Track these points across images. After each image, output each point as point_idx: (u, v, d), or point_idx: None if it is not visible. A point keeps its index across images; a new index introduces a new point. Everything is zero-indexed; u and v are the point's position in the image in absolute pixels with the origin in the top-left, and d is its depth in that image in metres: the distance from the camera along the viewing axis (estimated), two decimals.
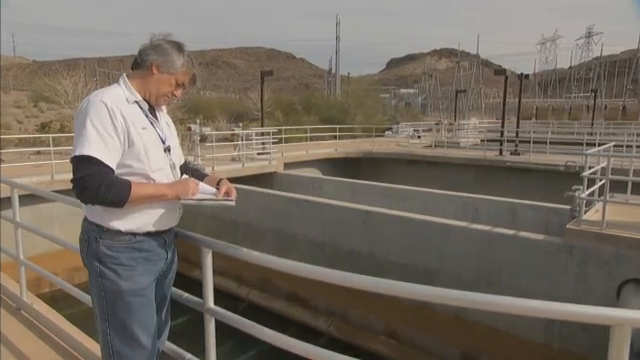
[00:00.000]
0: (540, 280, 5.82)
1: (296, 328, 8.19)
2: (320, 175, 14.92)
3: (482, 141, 19.71)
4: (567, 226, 5.81)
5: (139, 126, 1.63)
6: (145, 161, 1.63)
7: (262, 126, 16.21)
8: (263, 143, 14.00)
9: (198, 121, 15.52)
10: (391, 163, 16.47)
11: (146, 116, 1.70)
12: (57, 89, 22.91)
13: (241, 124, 16.62)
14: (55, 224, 8.82)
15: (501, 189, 12.04)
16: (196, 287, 1.89)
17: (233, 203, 1.75)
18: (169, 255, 1.80)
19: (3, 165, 11.52)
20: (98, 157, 1.51)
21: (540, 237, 5.98)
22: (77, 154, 1.51)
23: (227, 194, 1.77)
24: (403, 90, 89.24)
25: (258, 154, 13.56)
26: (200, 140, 12.14)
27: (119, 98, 1.62)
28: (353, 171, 15.78)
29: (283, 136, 14.91)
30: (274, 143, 13.82)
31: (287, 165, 13.83)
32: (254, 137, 13.75)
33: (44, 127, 23.91)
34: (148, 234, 1.69)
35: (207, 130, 13.31)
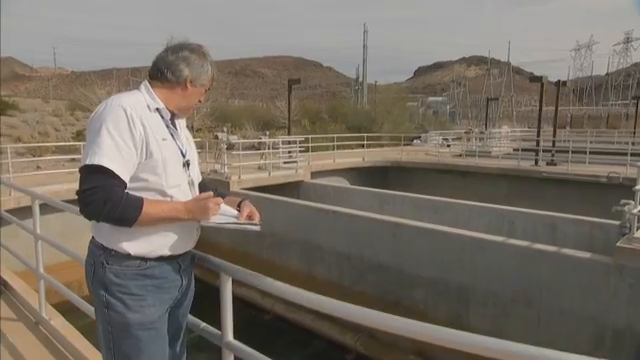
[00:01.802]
0: (586, 302, 5.38)
1: (322, 343, 7.94)
2: (347, 184, 14.68)
3: (515, 150, 19.02)
4: (617, 244, 5.35)
5: (159, 136, 1.48)
6: (162, 175, 1.47)
7: (289, 134, 16.13)
8: (290, 152, 13.89)
9: (225, 129, 15.59)
10: (420, 173, 16.05)
11: (167, 126, 1.55)
12: (92, 99, 23.66)
13: (268, 132, 16.60)
14: (85, 232, 8.87)
15: (536, 201, 11.47)
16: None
17: (258, 228, 1.56)
18: (184, 281, 1.61)
19: (40, 172, 11.84)
20: (110, 167, 1.34)
21: (586, 255, 5.54)
22: (87, 163, 1.35)
23: (250, 217, 1.58)
24: (431, 98, 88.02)
25: (284, 163, 13.44)
26: (227, 148, 12.12)
27: (140, 104, 1.48)
28: (381, 181, 15.46)
29: (310, 144, 14.76)
30: (301, 152, 13.68)
31: (314, 174, 13.65)
32: (281, 145, 13.65)
33: (79, 135, 24.68)
34: (161, 259, 1.50)
35: (234, 138, 13.30)
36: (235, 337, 1.60)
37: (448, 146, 22.23)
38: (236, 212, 1.60)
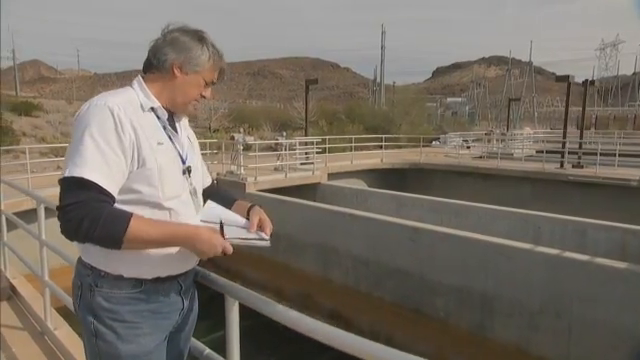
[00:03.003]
0: (622, 315, 5.03)
1: (337, 350, 7.72)
2: (365, 186, 14.43)
3: (538, 152, 18.46)
4: None
5: (154, 141, 1.27)
6: (158, 186, 1.25)
7: (306, 135, 15.97)
8: (307, 153, 13.71)
9: (242, 130, 15.51)
10: (439, 175, 15.68)
11: (164, 128, 1.33)
12: None
13: (285, 133, 16.46)
14: None
15: (562, 205, 11.04)
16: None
17: (267, 243, 1.34)
18: (186, 304, 1.41)
19: (59, 172, 11.92)
20: (93, 180, 1.13)
21: (621, 265, 5.19)
22: (66, 175, 1.14)
23: (260, 227, 1.37)
24: (450, 99, 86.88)
25: (301, 164, 13.28)
26: (243, 149, 12.01)
27: (131, 104, 1.26)
28: (399, 183, 15.15)
29: (327, 146, 14.56)
30: (318, 153, 13.49)
31: (331, 176, 13.44)
32: (297, 147, 13.49)
33: None
34: (158, 280, 1.30)
35: (250, 139, 13.19)
36: (247, 348, 1.38)
37: (468, 148, 21.74)
38: (244, 221, 1.39)
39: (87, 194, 1.13)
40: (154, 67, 1.33)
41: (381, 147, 17.48)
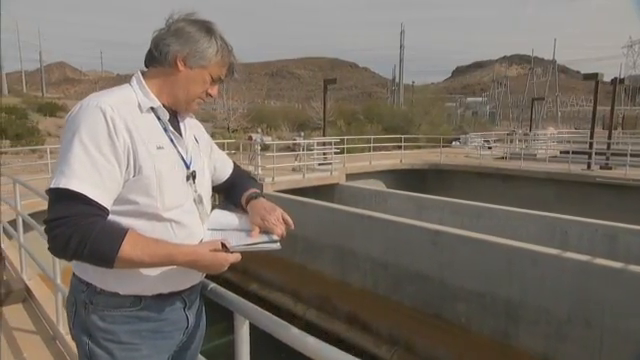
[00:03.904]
0: None
1: (355, 354, 7.55)
2: (384, 187, 14.22)
3: (562, 153, 17.91)
4: None
5: (152, 145, 1.13)
6: (157, 196, 1.12)
7: (324, 135, 15.84)
8: (325, 153, 13.58)
9: (260, 130, 15.48)
10: (460, 176, 15.35)
11: (165, 130, 1.19)
12: None
13: (303, 133, 16.37)
14: None
15: (589, 208, 10.62)
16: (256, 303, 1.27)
17: (277, 245, 1.19)
18: (191, 321, 1.28)
19: None
20: (82, 192, 1.01)
21: None
22: (51, 186, 1.02)
23: (267, 228, 1.22)
24: (470, 98, 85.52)
25: (319, 164, 13.16)
26: (261, 149, 11.96)
27: (127, 104, 1.13)
28: (419, 184, 14.88)
29: (345, 146, 14.41)
30: (336, 153, 13.35)
31: (349, 176, 13.28)
32: (315, 147, 13.36)
33: None
34: (160, 297, 1.18)
35: (268, 139, 13.13)
36: (267, 345, 1.24)
37: (489, 148, 21.27)
38: (249, 224, 1.26)
39: (76, 208, 1.00)
40: (156, 60, 1.20)
41: (400, 147, 17.24)
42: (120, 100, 1.12)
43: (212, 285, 1.34)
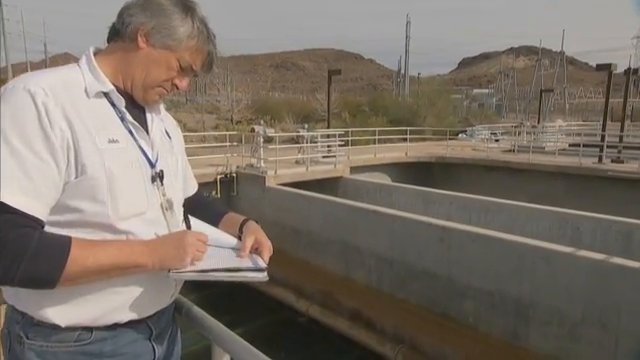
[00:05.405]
0: None
1: (359, 352, 7.42)
2: (389, 181, 13.96)
3: (571, 146, 17.54)
4: None
5: (102, 137, 0.90)
6: (107, 201, 0.89)
7: (328, 127, 15.57)
8: (329, 145, 13.33)
9: (262, 122, 15.24)
10: (467, 169, 15.05)
11: (121, 119, 0.96)
12: None
13: (306, 125, 16.10)
14: None
15: (600, 204, 10.33)
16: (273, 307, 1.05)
17: (264, 276, 0.95)
18: (159, 353, 1.04)
19: None
20: (7, 202, 0.79)
21: None
22: None
23: (257, 251, 1.01)
24: (476, 90, 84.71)
25: (323, 157, 12.91)
26: (264, 142, 11.72)
27: (69, 86, 0.90)
28: (425, 177, 14.61)
29: (350, 138, 14.14)
30: (340, 145, 13.10)
31: (354, 169, 13.04)
32: (319, 139, 13.11)
33: None
34: (115, 327, 0.95)
35: (271, 131, 12.89)
36: (269, 340, 1.02)
37: (497, 141, 20.92)
38: (235, 241, 1.05)
39: (0, 220, 0.78)
40: (117, 34, 0.97)
41: (405, 140, 16.95)
42: (58, 81, 0.89)
43: (187, 306, 1.11)
